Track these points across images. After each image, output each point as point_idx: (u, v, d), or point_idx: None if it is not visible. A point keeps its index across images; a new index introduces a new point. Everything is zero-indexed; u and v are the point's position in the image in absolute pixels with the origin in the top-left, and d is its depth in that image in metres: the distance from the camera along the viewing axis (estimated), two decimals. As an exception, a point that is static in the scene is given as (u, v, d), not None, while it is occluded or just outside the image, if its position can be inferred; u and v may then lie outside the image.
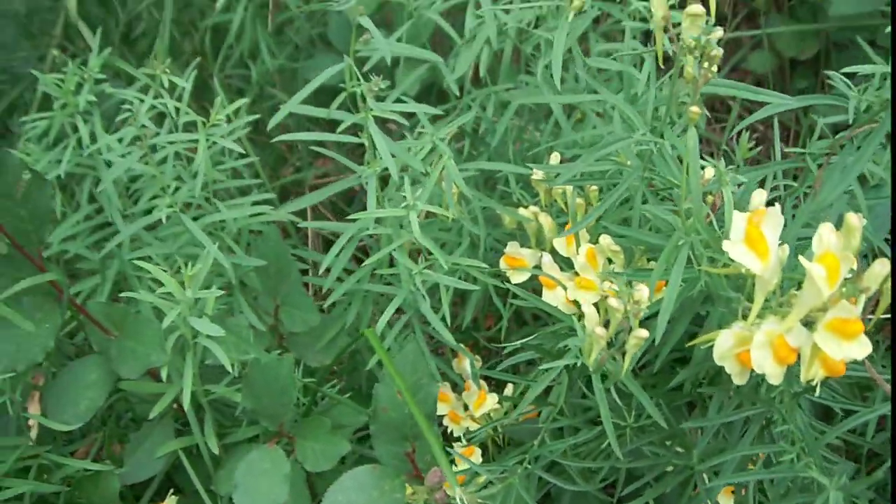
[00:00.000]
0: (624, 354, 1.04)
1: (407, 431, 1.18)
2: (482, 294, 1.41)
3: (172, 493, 1.39)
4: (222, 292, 1.23)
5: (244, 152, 1.35)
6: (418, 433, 1.18)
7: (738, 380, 0.97)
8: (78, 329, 1.49)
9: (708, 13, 0.98)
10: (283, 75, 1.86)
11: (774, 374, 0.92)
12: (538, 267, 1.31)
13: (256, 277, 1.42)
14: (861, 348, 0.88)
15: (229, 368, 1.23)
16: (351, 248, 1.33)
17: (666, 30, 1.05)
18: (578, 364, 1.14)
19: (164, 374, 1.27)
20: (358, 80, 1.27)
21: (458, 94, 1.45)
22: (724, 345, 0.97)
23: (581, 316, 1.18)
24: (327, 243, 1.89)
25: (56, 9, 1.73)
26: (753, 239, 0.91)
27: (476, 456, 1.33)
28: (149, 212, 1.42)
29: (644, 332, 1.01)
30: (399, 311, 1.35)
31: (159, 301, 1.23)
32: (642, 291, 1.00)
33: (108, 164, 1.42)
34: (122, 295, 1.28)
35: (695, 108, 0.99)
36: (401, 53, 1.32)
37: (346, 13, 1.72)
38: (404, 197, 1.25)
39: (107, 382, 1.34)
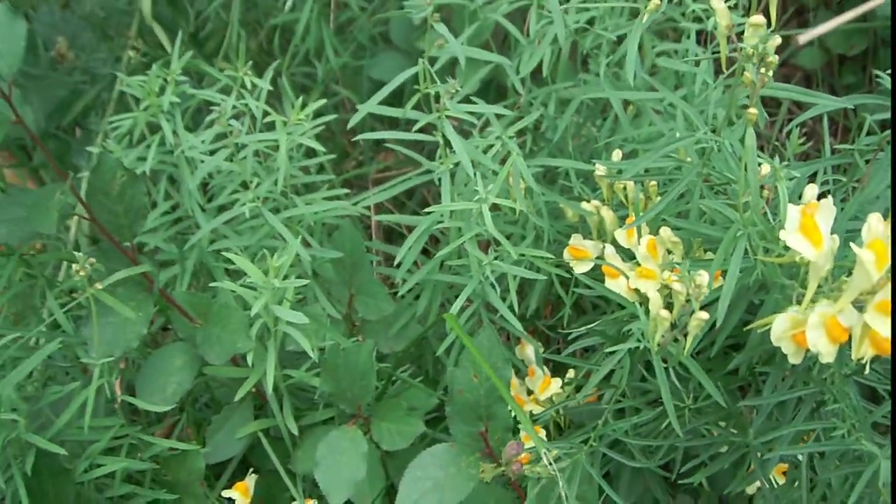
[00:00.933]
0: (686, 336, 1.18)
1: (481, 412, 1.32)
2: (544, 283, 1.55)
3: (252, 472, 1.54)
4: (305, 282, 1.38)
5: (321, 149, 1.49)
6: (491, 414, 1.32)
7: (794, 359, 1.11)
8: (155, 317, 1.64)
9: (769, 24, 1.11)
10: (346, 73, 2.00)
11: (828, 353, 1.05)
12: (600, 257, 1.45)
13: (330, 268, 1.56)
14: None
15: (311, 354, 1.38)
16: (423, 240, 1.47)
17: (728, 39, 1.18)
18: (641, 347, 1.28)
19: (249, 360, 1.42)
20: (432, 81, 1.41)
21: (520, 92, 1.59)
22: (781, 327, 1.11)
23: (642, 303, 1.31)
24: (387, 233, 2.04)
25: (131, 11, 1.88)
26: (808, 228, 1.05)
27: (542, 435, 1.47)
28: (225, 207, 1.57)
29: (705, 314, 1.15)
30: (466, 299, 1.49)
31: (244, 291, 1.38)
32: (703, 276, 1.14)
33: (189, 161, 1.57)
34: (213, 285, 1.43)
35: (753, 111, 1.12)
36: (472, 55, 1.45)
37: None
38: (475, 191, 1.39)
39: (192, 367, 1.48)
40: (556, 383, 1.50)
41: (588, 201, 1.49)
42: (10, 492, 1.32)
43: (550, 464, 1.24)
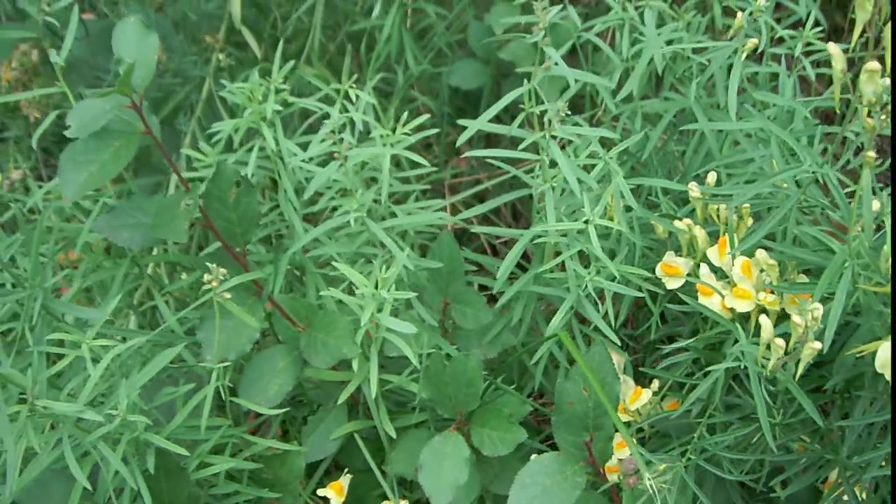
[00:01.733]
0: (797, 363, 1.27)
1: (588, 423, 1.41)
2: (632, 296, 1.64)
3: (347, 472, 1.63)
4: (413, 294, 1.47)
5: (426, 164, 1.57)
6: (597, 425, 1.42)
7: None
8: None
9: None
10: (423, 78, 2.09)
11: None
12: (689, 274, 1.55)
13: (424, 275, 1.65)
14: None
15: (414, 361, 1.47)
16: (520, 252, 1.56)
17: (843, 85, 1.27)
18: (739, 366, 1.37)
19: (354, 366, 1.51)
20: (538, 102, 1.49)
21: (612, 109, 1.67)
22: (885, 354, 1.21)
23: (734, 319, 1.42)
24: (458, 238, 2.12)
25: (220, 15, 1.95)
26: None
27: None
28: (318, 213, 1.66)
29: (818, 344, 1.24)
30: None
31: (349, 298, 1.47)
32: (819, 308, 1.23)
33: (286, 167, 1.65)
34: (323, 294, 1.51)
35: (871, 154, 1.21)
36: (580, 78, 1.53)
37: (486, 21, 1.96)
38: (581, 210, 1.48)
39: (294, 370, 1.57)
40: (646, 394, 1.60)
41: (679, 219, 1.59)
42: (129, 488, 1.41)
43: (653, 478, 1.33)
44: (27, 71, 1.90)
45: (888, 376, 1.23)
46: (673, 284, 1.55)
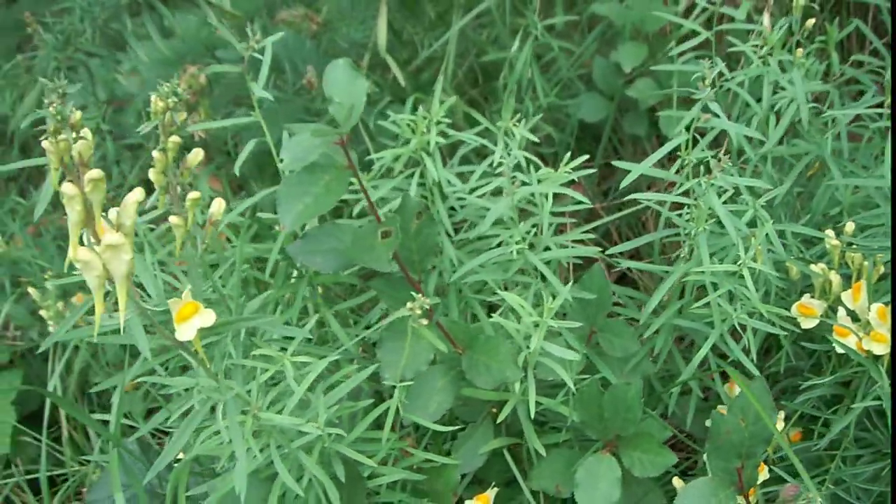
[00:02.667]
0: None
1: (742, 451, 1.57)
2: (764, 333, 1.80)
3: (494, 486, 1.78)
4: (579, 324, 1.62)
5: (586, 200, 1.72)
6: (750, 453, 1.57)
7: None
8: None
9: None
10: (549, 111, 2.25)
11: None
12: (823, 315, 1.72)
13: (574, 305, 1.80)
14: None
15: (571, 386, 1.63)
16: (668, 288, 1.72)
17: None
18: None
19: (516, 388, 1.66)
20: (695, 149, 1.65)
21: (752, 156, 1.83)
22: None
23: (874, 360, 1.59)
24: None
25: (365, 44, 2.10)
26: None
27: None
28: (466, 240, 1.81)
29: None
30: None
31: (510, 324, 1.63)
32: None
33: (444, 196, 1.80)
34: (493, 320, 1.66)
35: None
36: (738, 131, 1.69)
37: (612, 58, 2.12)
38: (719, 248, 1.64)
39: (453, 389, 1.72)
40: (780, 425, 1.76)
41: (814, 263, 1.75)
42: (313, 495, 1.56)
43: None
44: (195, 93, 2.04)
45: None
46: (808, 324, 1.72)
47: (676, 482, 1.70)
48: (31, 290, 2.21)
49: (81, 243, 1.08)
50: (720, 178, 1.62)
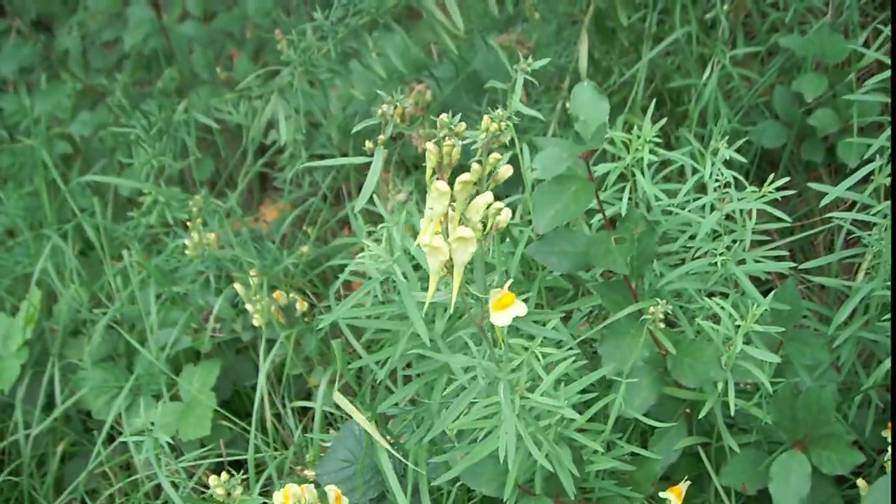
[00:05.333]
0: None
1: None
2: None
3: (686, 480, 2.04)
4: (781, 329, 1.88)
5: (786, 218, 1.98)
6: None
7: None
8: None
9: None
10: (731, 137, 2.52)
11: None
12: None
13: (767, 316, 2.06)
14: None
15: (768, 387, 1.88)
16: (856, 303, 1.98)
17: None
18: None
19: (719, 387, 1.93)
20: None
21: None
22: None
23: None
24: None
25: (567, 66, 2.40)
26: None
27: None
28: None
29: None
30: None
31: (714, 328, 1.89)
32: None
33: (649, 209, 2.07)
34: (698, 324, 1.93)
35: None
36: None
37: (793, 87, 2.38)
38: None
39: (656, 387, 1.96)
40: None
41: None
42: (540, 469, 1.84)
43: None
44: (421, 108, 2.34)
45: None
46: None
47: (860, 483, 1.95)
48: (236, 284, 2.53)
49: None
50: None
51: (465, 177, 1.32)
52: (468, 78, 2.51)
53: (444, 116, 1.33)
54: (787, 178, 1.96)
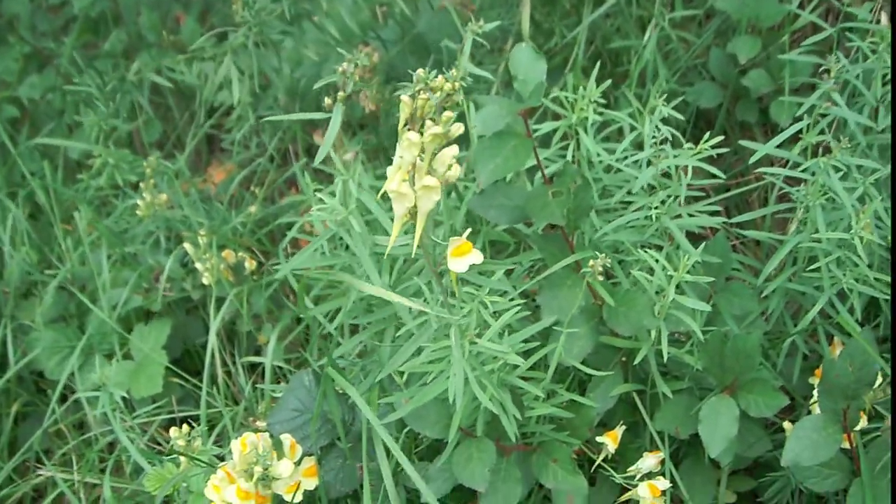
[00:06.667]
0: None
1: (849, 393, 1.97)
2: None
3: (622, 425, 2.19)
4: (712, 279, 2.03)
5: (721, 175, 2.12)
6: (855, 395, 1.97)
7: None
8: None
9: None
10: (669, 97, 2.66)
11: None
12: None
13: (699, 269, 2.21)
14: None
15: (700, 335, 2.04)
16: (783, 255, 2.13)
17: None
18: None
19: (653, 335, 2.07)
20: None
21: (863, 143, 2.24)
22: None
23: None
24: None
25: (509, 28, 2.53)
26: None
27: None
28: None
29: None
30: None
31: (647, 278, 2.04)
32: None
33: (591, 166, 2.21)
34: (637, 273, 2.07)
35: None
36: (845, 116, 2.10)
37: (728, 49, 2.53)
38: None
39: (592, 336, 2.11)
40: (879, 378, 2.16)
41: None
42: (485, 415, 1.98)
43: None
44: (368, 70, 2.45)
45: None
46: (906, 289, 2.13)
47: (786, 425, 2.12)
48: (186, 244, 2.65)
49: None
50: (839, 157, 2.03)
51: (436, 129, 1.45)
52: (413, 40, 2.64)
53: (420, 72, 1.45)
54: (722, 137, 2.10)
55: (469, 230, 1.64)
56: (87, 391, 2.51)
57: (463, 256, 1.58)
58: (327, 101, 1.67)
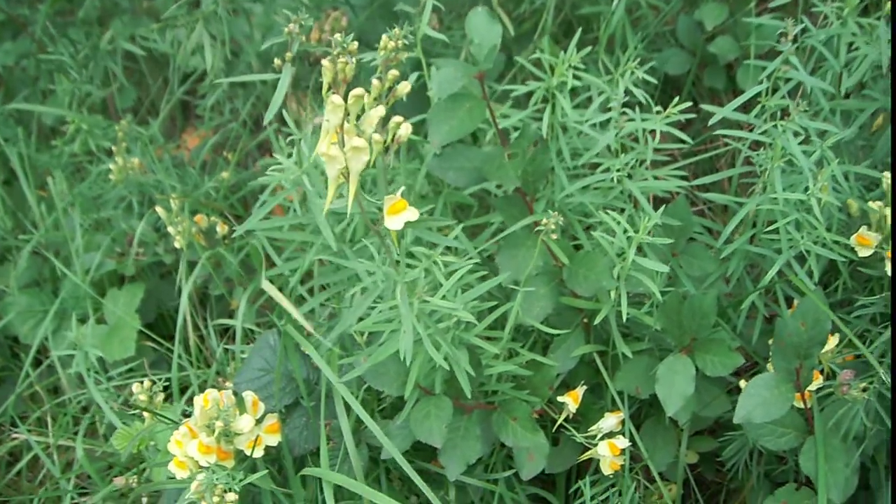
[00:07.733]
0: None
1: (801, 353, 2.04)
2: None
3: (583, 385, 2.27)
4: (671, 240, 2.10)
5: (688, 140, 2.18)
6: (808, 355, 2.05)
7: None
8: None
9: None
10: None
11: None
12: (878, 246, 2.20)
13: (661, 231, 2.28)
14: None
15: (658, 296, 2.11)
16: (742, 217, 2.20)
17: None
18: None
19: (612, 296, 2.15)
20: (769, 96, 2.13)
21: (826, 107, 2.31)
22: None
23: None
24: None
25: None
26: None
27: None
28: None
29: None
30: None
31: (605, 240, 2.11)
32: None
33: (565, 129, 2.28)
34: (597, 235, 2.14)
35: None
36: (807, 81, 2.17)
37: (695, 16, 2.60)
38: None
39: (553, 297, 2.20)
40: (833, 340, 2.24)
41: (871, 200, 2.24)
42: (442, 372, 2.06)
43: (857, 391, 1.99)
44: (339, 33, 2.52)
45: None
46: (864, 253, 2.19)
47: (742, 383, 2.19)
48: (158, 208, 2.72)
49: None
50: (797, 120, 2.10)
51: (357, 91, 1.52)
52: (382, 5, 2.70)
53: (337, 36, 1.53)
54: (689, 104, 2.17)
55: (402, 188, 1.71)
56: (62, 352, 2.59)
57: (398, 214, 1.64)
58: (276, 61, 1.74)
